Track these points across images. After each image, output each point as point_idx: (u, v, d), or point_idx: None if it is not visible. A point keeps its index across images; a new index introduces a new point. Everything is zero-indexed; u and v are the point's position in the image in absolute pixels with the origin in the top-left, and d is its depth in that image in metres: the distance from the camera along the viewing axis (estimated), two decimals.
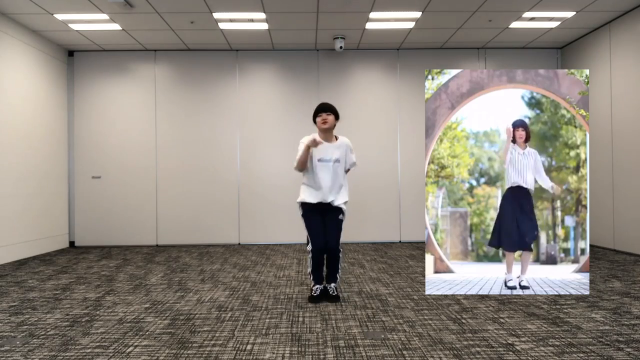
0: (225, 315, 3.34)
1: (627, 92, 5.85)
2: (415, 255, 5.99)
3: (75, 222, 7.21)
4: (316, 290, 3.73)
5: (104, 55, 7.25)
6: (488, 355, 2.53)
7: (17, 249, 5.95)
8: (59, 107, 6.98)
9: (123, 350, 2.67)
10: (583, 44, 6.78)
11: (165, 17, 5.87)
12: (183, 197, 7.24)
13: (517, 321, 3.11)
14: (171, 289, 4.18)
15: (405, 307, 3.49)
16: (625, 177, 5.87)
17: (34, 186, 6.30)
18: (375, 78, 7.36)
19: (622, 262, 5.26)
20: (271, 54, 7.33)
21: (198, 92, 7.28)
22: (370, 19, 6.02)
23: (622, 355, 2.51)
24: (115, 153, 7.22)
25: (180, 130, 7.26)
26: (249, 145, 7.27)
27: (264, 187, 7.25)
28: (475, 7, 5.65)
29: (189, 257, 5.99)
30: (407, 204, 7.27)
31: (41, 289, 4.24)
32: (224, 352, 2.62)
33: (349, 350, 2.63)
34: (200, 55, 7.30)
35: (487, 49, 7.34)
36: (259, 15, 5.83)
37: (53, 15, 5.76)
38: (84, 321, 3.23)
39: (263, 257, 5.98)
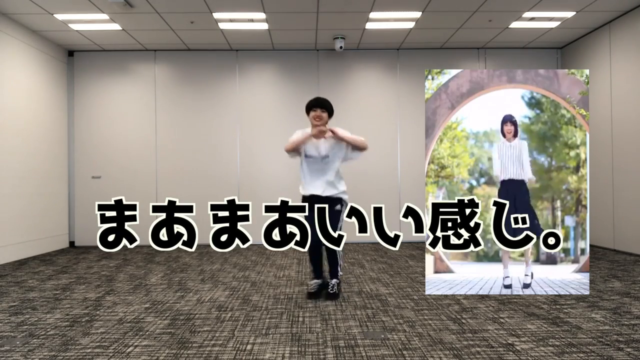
0: (225, 315, 3.34)
1: (627, 92, 5.85)
2: (415, 255, 5.99)
3: (75, 222, 7.21)
4: (313, 286, 3.73)
5: (104, 55, 7.25)
6: (488, 355, 2.53)
7: (17, 249, 5.95)
8: (59, 107, 6.98)
9: (123, 350, 2.67)
10: (583, 44, 6.78)
11: (165, 17, 5.87)
12: (183, 196, 7.22)
13: (517, 321, 3.11)
14: (171, 289, 4.18)
15: (405, 307, 3.49)
16: (625, 177, 5.87)
17: (34, 186, 6.30)
18: (375, 78, 7.36)
19: (622, 262, 5.26)
20: (271, 54, 7.33)
21: (198, 92, 7.28)
22: (370, 19, 6.02)
23: (622, 355, 2.51)
24: (115, 153, 7.22)
25: (180, 130, 7.26)
26: (249, 145, 7.27)
27: (263, 187, 7.25)
28: (475, 7, 5.65)
29: (189, 257, 5.99)
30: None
31: (41, 289, 4.24)
32: (224, 352, 2.62)
33: (349, 350, 2.63)
34: (200, 55, 7.30)
35: (487, 49, 7.34)
36: (259, 15, 5.83)
37: (53, 15, 5.76)
38: (84, 321, 3.23)
39: (263, 257, 5.98)
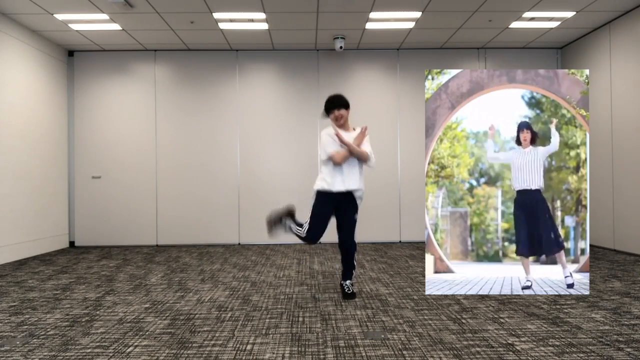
0: (225, 315, 3.34)
1: (627, 92, 5.85)
2: (415, 255, 5.99)
3: (75, 222, 7.21)
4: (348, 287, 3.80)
5: (104, 55, 7.25)
6: (488, 355, 2.53)
7: (17, 249, 5.95)
8: (59, 107, 6.98)
9: (123, 350, 2.67)
10: (583, 44, 6.78)
11: (165, 17, 5.87)
12: (183, 197, 7.24)
13: (517, 321, 3.11)
14: (171, 289, 4.18)
15: (405, 307, 3.49)
16: (625, 177, 5.87)
17: (34, 186, 6.30)
18: (375, 78, 7.36)
19: (622, 262, 5.26)
20: (271, 54, 7.33)
21: (198, 92, 7.28)
22: (370, 19, 6.02)
23: (622, 355, 2.51)
24: (115, 153, 7.22)
25: (180, 130, 7.26)
26: (249, 145, 7.27)
27: (264, 187, 7.25)
28: (475, 7, 5.65)
29: (189, 257, 5.99)
30: (407, 204, 7.27)
31: (41, 289, 4.24)
32: (224, 352, 2.62)
33: (349, 350, 2.63)
34: (200, 55, 7.30)
35: (487, 49, 7.34)
36: (259, 15, 5.83)
37: (53, 15, 5.76)
38: (84, 321, 3.23)
39: (263, 257, 5.98)
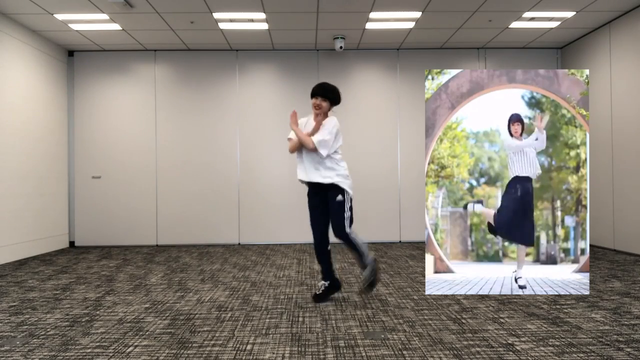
0: (225, 315, 3.34)
1: (627, 92, 5.85)
2: (415, 255, 5.99)
3: (75, 222, 7.21)
4: (319, 287, 3.69)
5: (104, 55, 7.25)
6: (488, 355, 2.53)
7: (17, 249, 5.95)
8: (58, 107, 6.98)
9: (123, 350, 2.67)
10: (583, 44, 6.77)
11: (165, 17, 5.87)
12: (183, 197, 7.24)
13: (517, 321, 3.11)
14: (171, 289, 4.18)
15: (405, 307, 3.49)
16: (625, 177, 5.87)
17: (33, 186, 6.30)
18: (375, 78, 7.36)
19: (622, 262, 5.26)
20: (271, 54, 7.32)
21: (198, 92, 7.28)
22: (370, 19, 6.02)
23: (622, 355, 2.51)
24: (115, 153, 7.22)
25: (180, 130, 7.26)
26: (249, 145, 7.27)
27: (263, 187, 7.25)
28: (475, 7, 5.65)
29: (189, 257, 5.99)
30: (407, 204, 7.27)
31: (41, 289, 4.24)
32: (224, 352, 2.62)
33: (349, 350, 2.63)
34: (200, 55, 7.30)
35: (487, 49, 7.34)
36: (259, 15, 5.83)
37: (53, 15, 5.76)
38: (84, 321, 3.23)
39: (263, 257, 5.98)
